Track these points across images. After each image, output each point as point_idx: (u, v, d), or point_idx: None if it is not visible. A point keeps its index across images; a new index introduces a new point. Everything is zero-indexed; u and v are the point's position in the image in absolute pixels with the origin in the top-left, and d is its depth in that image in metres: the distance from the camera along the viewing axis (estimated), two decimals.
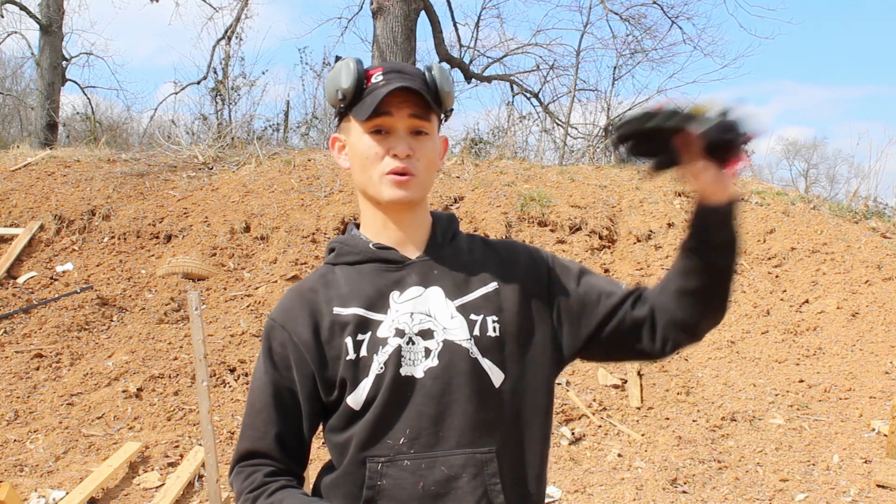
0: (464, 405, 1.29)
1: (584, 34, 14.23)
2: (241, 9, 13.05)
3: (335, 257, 1.42)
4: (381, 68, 1.36)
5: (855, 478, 4.36)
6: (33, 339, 5.66)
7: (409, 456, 1.27)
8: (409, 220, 1.39)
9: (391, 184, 1.32)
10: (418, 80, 1.34)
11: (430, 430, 1.28)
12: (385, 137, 1.33)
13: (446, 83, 1.37)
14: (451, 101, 1.39)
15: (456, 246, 1.43)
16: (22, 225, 6.85)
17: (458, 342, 1.31)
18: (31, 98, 17.17)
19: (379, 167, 1.33)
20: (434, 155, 1.37)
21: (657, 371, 5.57)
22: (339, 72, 1.35)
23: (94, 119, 15.58)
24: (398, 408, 1.28)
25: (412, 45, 10.49)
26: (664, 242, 6.96)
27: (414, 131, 1.34)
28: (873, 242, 6.78)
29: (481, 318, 1.33)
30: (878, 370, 5.41)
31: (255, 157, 8.05)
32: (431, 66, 1.38)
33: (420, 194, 1.36)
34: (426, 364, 1.29)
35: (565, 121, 13.97)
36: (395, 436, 1.28)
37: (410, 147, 1.32)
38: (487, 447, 1.29)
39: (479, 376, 1.31)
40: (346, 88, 1.33)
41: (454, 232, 1.45)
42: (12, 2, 13.30)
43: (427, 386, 1.29)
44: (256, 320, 5.87)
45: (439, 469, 1.27)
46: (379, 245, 1.38)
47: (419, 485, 1.26)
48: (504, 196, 7.33)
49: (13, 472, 4.34)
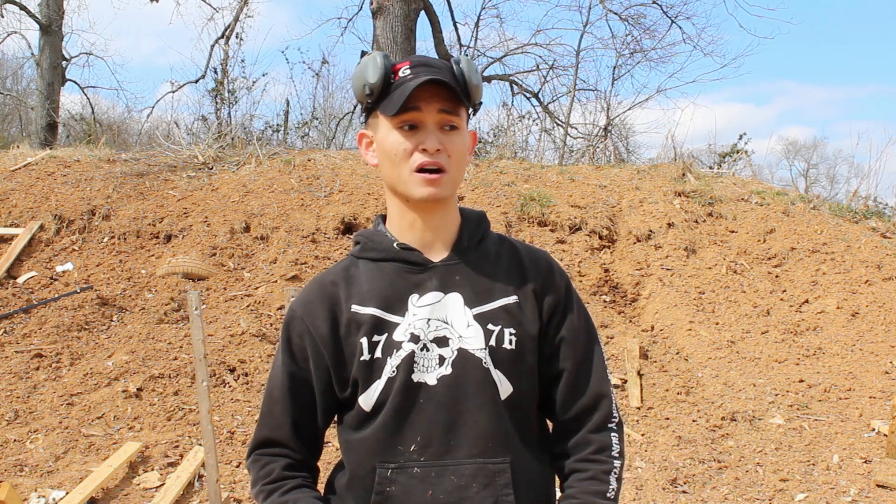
0: (475, 415, 1.28)
1: (584, 34, 14.26)
2: (240, 9, 13.05)
3: (360, 251, 1.40)
4: (409, 62, 1.32)
5: (855, 478, 4.36)
6: (33, 339, 5.66)
7: (419, 463, 1.26)
8: (438, 219, 1.36)
9: (421, 182, 1.29)
10: (447, 73, 1.31)
11: (441, 438, 1.27)
12: (414, 133, 1.30)
13: (475, 76, 1.33)
14: (479, 95, 1.36)
15: (482, 250, 1.39)
16: (22, 225, 6.85)
17: (473, 351, 1.29)
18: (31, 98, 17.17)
19: (408, 163, 1.30)
20: (464, 150, 1.34)
21: (657, 371, 5.57)
22: (365, 67, 1.31)
23: (94, 119, 15.58)
24: (409, 414, 1.27)
25: (412, 45, 10.50)
26: (664, 242, 6.96)
27: (443, 126, 1.30)
28: (873, 242, 6.78)
29: (499, 329, 1.31)
30: (878, 370, 5.41)
31: (255, 157, 8.05)
32: (459, 58, 1.34)
33: (450, 191, 1.33)
34: (440, 372, 1.28)
35: (565, 121, 13.97)
36: (406, 442, 1.27)
37: (440, 142, 1.29)
38: (500, 458, 1.28)
39: (490, 387, 1.29)
40: (373, 83, 1.30)
41: (482, 234, 1.42)
42: (12, 2, 13.30)
43: (440, 394, 1.28)
44: (256, 320, 5.87)
45: (449, 478, 1.26)
46: (403, 245, 1.35)
47: (428, 493, 1.25)
48: (504, 196, 7.33)
49: (13, 472, 4.34)
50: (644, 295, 6.56)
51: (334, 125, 14.72)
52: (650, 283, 6.60)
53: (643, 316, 6.38)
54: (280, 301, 6.01)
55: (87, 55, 16.22)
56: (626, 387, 5.40)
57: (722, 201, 7.56)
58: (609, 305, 6.43)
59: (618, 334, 5.95)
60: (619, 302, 6.56)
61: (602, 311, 6.24)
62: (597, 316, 6.16)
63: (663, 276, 6.62)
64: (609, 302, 6.49)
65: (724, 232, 7.17)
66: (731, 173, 9.25)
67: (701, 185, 7.86)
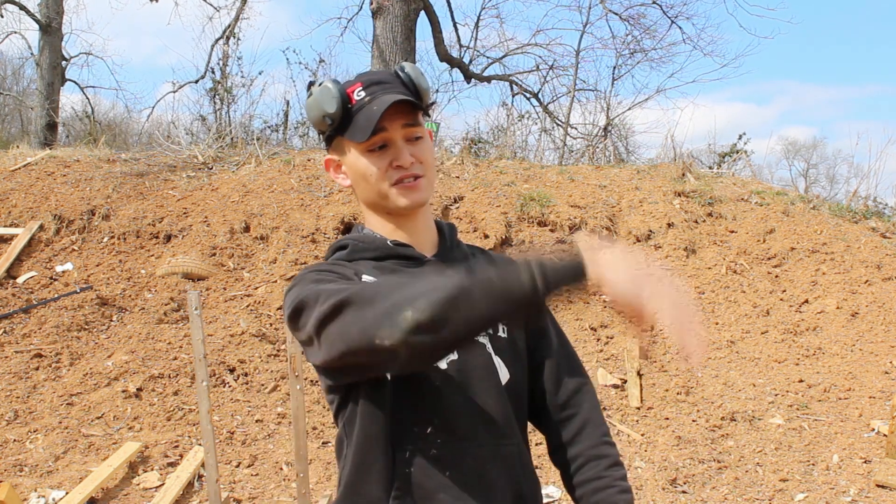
0: (484, 398, 1.31)
1: (584, 34, 14.25)
2: (240, 9, 13.05)
3: (350, 254, 1.39)
4: (360, 83, 1.34)
5: (855, 478, 4.36)
6: (33, 339, 5.66)
7: (436, 445, 1.28)
8: (421, 223, 1.40)
9: (403, 192, 1.33)
10: (400, 86, 1.35)
11: (457, 421, 1.29)
12: (385, 152, 1.33)
13: (422, 79, 1.37)
14: (429, 96, 1.40)
15: (462, 251, 1.46)
16: (22, 225, 6.85)
17: (478, 337, 1.33)
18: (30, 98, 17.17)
19: (384, 182, 1.33)
20: (432, 154, 1.39)
21: (657, 371, 5.57)
22: (321, 97, 1.33)
23: (94, 119, 15.58)
24: (424, 397, 1.29)
25: (412, 45, 10.50)
26: (664, 242, 6.96)
27: (410, 138, 1.34)
28: (873, 242, 6.78)
29: None
30: (878, 370, 5.41)
31: (255, 157, 8.05)
32: (403, 65, 1.38)
33: (430, 194, 1.38)
34: (449, 356, 1.30)
35: (565, 121, 13.98)
36: (422, 425, 1.28)
37: (411, 154, 1.33)
38: (509, 440, 1.32)
39: (493, 373, 1.33)
40: (332, 113, 1.32)
41: (457, 239, 1.49)
42: (12, 2, 13.29)
43: (452, 377, 1.30)
44: (256, 320, 5.87)
45: (467, 460, 1.28)
46: (396, 242, 1.38)
47: (446, 474, 1.27)
48: (504, 196, 7.33)
49: (13, 472, 4.34)
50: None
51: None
52: None
53: None
54: (279, 301, 6.01)
55: (87, 55, 16.23)
56: (625, 387, 5.40)
57: (722, 201, 7.56)
58: (609, 305, 6.43)
59: (618, 334, 5.95)
60: None
61: (602, 311, 6.24)
62: (597, 316, 6.16)
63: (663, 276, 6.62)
64: (609, 302, 6.49)
65: (723, 232, 7.17)
66: (731, 173, 9.26)
67: (701, 185, 7.86)
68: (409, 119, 1.33)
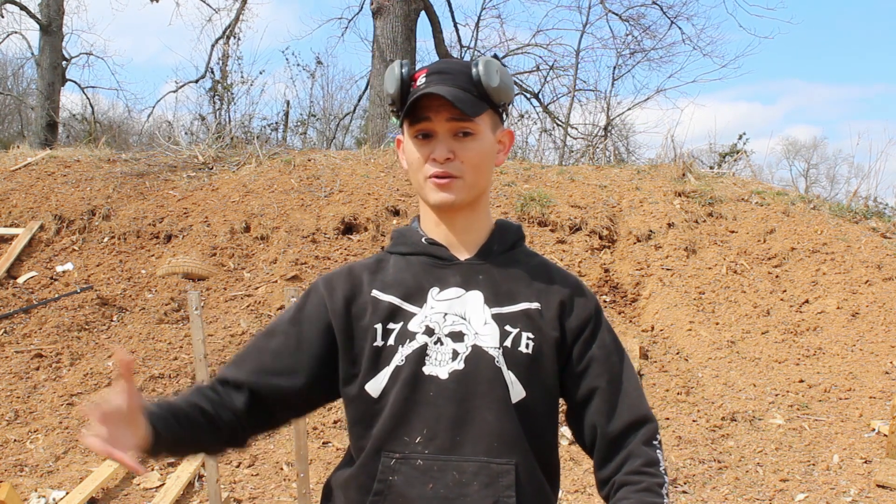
0: (483, 413, 1.27)
1: (584, 34, 14.28)
2: (240, 9, 13.06)
3: (391, 246, 1.44)
4: (427, 69, 1.33)
5: (855, 478, 4.36)
6: (33, 339, 5.66)
7: (423, 456, 1.26)
8: (461, 222, 1.38)
9: (434, 187, 1.32)
10: (458, 80, 1.31)
11: (448, 433, 1.26)
12: (427, 142, 1.32)
13: (494, 77, 1.32)
14: (503, 96, 1.35)
15: (511, 257, 1.41)
16: (22, 225, 6.85)
17: (486, 349, 1.29)
18: (31, 98, 17.18)
19: (423, 171, 1.33)
20: (482, 154, 1.34)
21: (657, 371, 5.57)
22: (387, 77, 1.35)
23: (94, 119, 15.59)
24: (417, 405, 1.27)
25: (412, 45, 10.51)
26: (664, 242, 6.96)
27: (457, 133, 1.31)
28: (873, 242, 6.78)
29: (516, 331, 1.31)
30: (878, 370, 5.41)
31: (255, 157, 8.05)
32: (478, 60, 1.33)
33: (466, 196, 1.34)
34: (452, 366, 1.28)
35: (565, 121, 13.98)
36: (412, 433, 1.27)
37: (451, 150, 1.31)
38: (506, 459, 1.26)
39: (501, 387, 1.29)
40: (392, 93, 1.34)
41: (514, 243, 1.43)
42: (12, 2, 13.30)
43: (450, 388, 1.27)
44: (256, 320, 5.87)
45: (451, 473, 1.25)
46: (430, 240, 1.38)
47: (429, 486, 1.25)
48: (504, 196, 7.33)
49: (13, 472, 4.34)
50: (644, 295, 6.56)
51: (334, 125, 14.73)
52: (650, 284, 6.60)
53: (643, 316, 6.38)
54: (280, 301, 6.01)
55: (87, 55, 16.24)
56: None
57: (722, 201, 7.56)
58: (609, 305, 6.43)
59: (618, 334, 5.94)
60: (619, 302, 6.56)
61: None
62: None
63: (663, 277, 6.62)
64: (609, 302, 6.49)
65: (724, 232, 7.17)
66: (732, 173, 9.25)
67: (701, 186, 7.86)
68: (456, 114, 1.29)
